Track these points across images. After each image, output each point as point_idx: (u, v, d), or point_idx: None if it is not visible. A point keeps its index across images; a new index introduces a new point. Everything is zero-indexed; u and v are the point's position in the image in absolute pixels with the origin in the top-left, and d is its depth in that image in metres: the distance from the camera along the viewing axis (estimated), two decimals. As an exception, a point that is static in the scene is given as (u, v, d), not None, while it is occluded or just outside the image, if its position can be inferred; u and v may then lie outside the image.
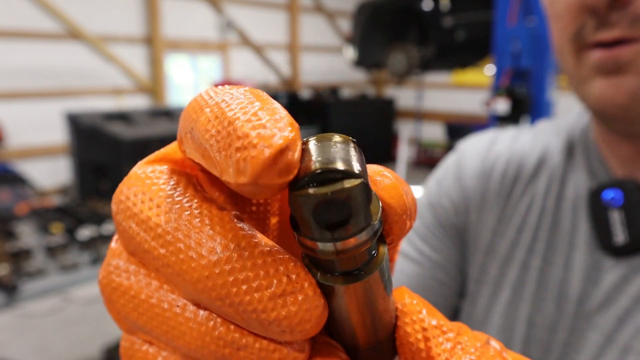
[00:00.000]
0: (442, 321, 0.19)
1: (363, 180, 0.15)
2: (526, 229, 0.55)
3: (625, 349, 0.44)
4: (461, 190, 0.61)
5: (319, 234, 0.15)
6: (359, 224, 0.15)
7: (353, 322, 0.17)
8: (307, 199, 0.14)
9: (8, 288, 1.76)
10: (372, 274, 0.16)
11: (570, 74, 0.47)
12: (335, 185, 0.14)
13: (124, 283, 0.17)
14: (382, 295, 0.17)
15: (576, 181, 0.53)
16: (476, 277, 0.58)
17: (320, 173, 0.14)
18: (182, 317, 0.16)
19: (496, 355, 0.18)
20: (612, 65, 0.41)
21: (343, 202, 0.14)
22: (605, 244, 0.47)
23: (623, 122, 0.44)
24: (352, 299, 0.16)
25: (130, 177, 0.18)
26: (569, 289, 0.49)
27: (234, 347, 0.16)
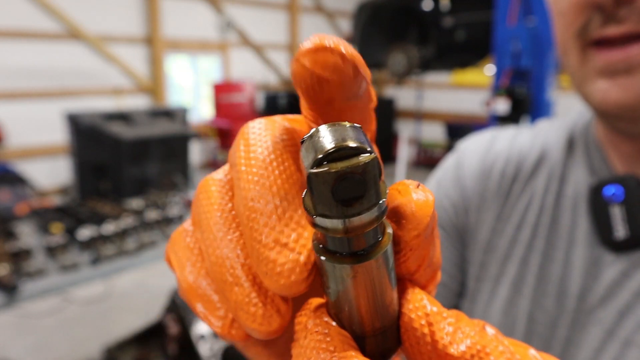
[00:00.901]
0: (441, 309, 0.19)
1: (375, 155, 0.15)
2: (525, 226, 0.55)
3: (627, 343, 0.45)
4: (461, 190, 0.61)
5: (335, 211, 0.16)
6: (371, 199, 0.16)
7: (361, 307, 0.18)
8: (327, 175, 0.15)
9: (8, 288, 1.76)
10: (377, 256, 0.17)
11: (573, 72, 0.47)
12: (351, 160, 0.15)
13: (211, 189, 0.22)
14: (386, 282, 0.18)
15: (576, 178, 0.53)
16: (476, 275, 0.58)
17: (335, 150, 0.15)
18: (222, 225, 0.20)
19: (493, 339, 0.19)
20: (623, 66, 0.41)
21: (359, 176, 0.15)
22: (606, 239, 0.48)
23: (627, 122, 0.44)
24: (359, 281, 0.17)
25: (254, 125, 0.21)
26: (569, 285, 0.50)
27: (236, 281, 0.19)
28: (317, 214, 0.16)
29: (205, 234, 0.21)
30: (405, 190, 0.19)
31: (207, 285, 0.21)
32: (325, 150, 0.15)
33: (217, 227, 0.20)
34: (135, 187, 3.03)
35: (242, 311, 0.19)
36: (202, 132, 6.91)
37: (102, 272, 2.05)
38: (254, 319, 0.19)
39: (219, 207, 0.21)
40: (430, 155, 9.03)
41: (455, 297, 0.61)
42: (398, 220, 0.19)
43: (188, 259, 0.22)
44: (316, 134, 0.16)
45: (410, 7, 5.22)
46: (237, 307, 0.19)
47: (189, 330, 2.24)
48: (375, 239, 0.17)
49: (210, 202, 0.21)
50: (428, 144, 9.21)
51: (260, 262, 0.18)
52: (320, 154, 0.15)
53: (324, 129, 0.16)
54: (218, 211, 0.21)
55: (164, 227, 2.41)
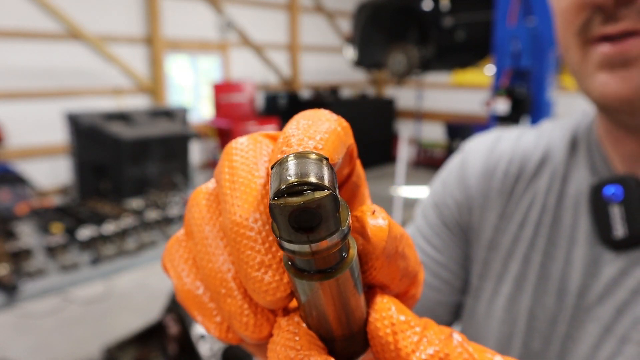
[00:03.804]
0: (410, 317, 0.21)
1: (332, 192, 0.17)
2: (527, 225, 0.56)
3: (624, 339, 0.45)
4: (465, 189, 0.62)
5: (295, 237, 0.17)
6: (329, 228, 0.17)
7: (328, 315, 0.20)
8: (284, 207, 0.17)
9: (8, 288, 1.76)
10: (343, 272, 0.19)
11: (574, 68, 0.48)
12: (307, 195, 0.17)
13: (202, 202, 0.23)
14: (352, 292, 0.19)
15: (578, 178, 0.54)
16: (479, 272, 0.59)
17: (294, 185, 0.17)
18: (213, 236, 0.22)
19: (458, 346, 0.20)
20: (619, 60, 0.42)
21: (314, 210, 0.17)
22: (606, 238, 0.48)
23: (627, 115, 0.45)
24: (327, 294, 0.19)
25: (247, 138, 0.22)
26: (569, 282, 0.50)
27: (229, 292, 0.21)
28: (280, 237, 0.18)
29: (198, 247, 0.22)
30: (361, 218, 0.20)
31: (203, 294, 0.23)
32: (286, 183, 0.17)
33: (208, 241, 0.22)
34: (135, 187, 3.03)
35: (235, 320, 0.21)
36: (202, 132, 6.91)
37: (102, 272, 2.05)
38: (247, 327, 0.21)
39: (210, 221, 0.22)
40: (430, 155, 9.03)
41: (458, 294, 0.62)
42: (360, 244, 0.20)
43: (183, 268, 0.23)
44: (283, 164, 0.18)
45: (410, 7, 5.22)
46: (230, 317, 0.21)
47: (189, 330, 2.24)
48: (337, 259, 0.18)
49: (201, 215, 0.23)
50: (428, 144, 9.21)
51: (248, 280, 0.20)
52: (282, 186, 0.17)
53: (290, 160, 0.17)
54: (209, 225, 0.22)
55: (164, 227, 2.41)
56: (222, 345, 2.20)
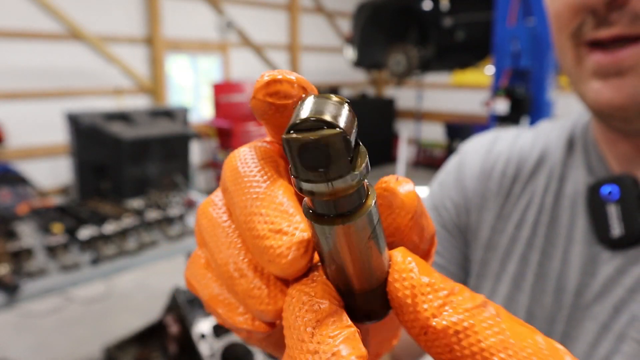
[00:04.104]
0: (435, 280, 0.20)
1: (341, 131, 0.16)
2: (525, 225, 0.56)
3: (621, 337, 0.46)
4: (462, 191, 0.62)
5: (305, 175, 0.17)
6: (339, 169, 0.17)
7: (346, 265, 0.19)
8: (292, 142, 0.17)
9: (9, 287, 1.77)
10: (359, 218, 0.18)
11: (569, 72, 0.48)
12: (315, 132, 0.16)
13: (209, 210, 0.24)
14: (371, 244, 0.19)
15: (575, 178, 0.54)
16: (477, 272, 0.60)
17: (303, 121, 0.17)
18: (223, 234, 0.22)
19: (488, 318, 0.19)
20: (614, 69, 0.42)
21: (322, 147, 0.16)
22: (603, 237, 0.49)
23: (621, 121, 0.45)
24: (343, 240, 0.19)
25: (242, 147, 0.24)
26: (567, 281, 0.51)
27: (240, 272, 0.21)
28: (295, 176, 0.18)
29: (210, 247, 0.23)
30: (389, 187, 0.21)
31: (225, 292, 0.23)
32: (299, 118, 0.17)
33: (218, 238, 0.23)
34: (135, 187, 3.03)
35: (249, 298, 0.21)
36: (202, 132, 6.91)
37: (102, 271, 2.06)
38: (261, 301, 0.21)
39: (218, 223, 0.23)
40: (430, 155, 9.03)
41: None
42: (392, 211, 0.21)
43: (204, 276, 0.24)
44: (302, 103, 0.17)
45: (410, 7, 5.22)
46: (244, 296, 0.21)
47: (190, 329, 2.25)
48: (358, 202, 0.18)
49: (210, 222, 0.23)
50: (428, 144, 9.21)
51: (262, 253, 0.20)
52: (296, 121, 0.17)
53: (310, 99, 0.17)
54: (218, 227, 0.23)
55: (165, 227, 2.42)
56: (222, 345, 2.20)
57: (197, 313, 2.32)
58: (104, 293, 3.56)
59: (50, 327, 3.35)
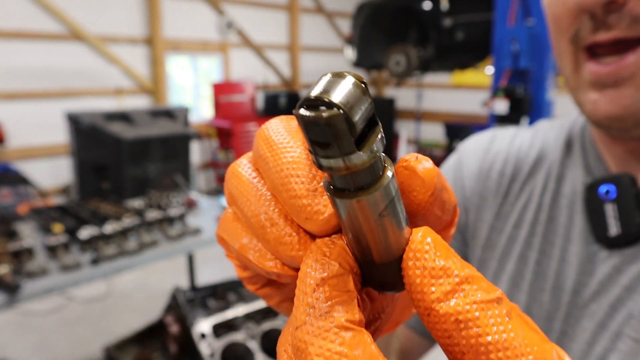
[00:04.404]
0: (451, 265, 0.20)
1: (343, 112, 0.17)
2: (523, 224, 0.56)
3: (617, 335, 0.46)
4: (461, 190, 0.62)
5: (312, 148, 0.18)
6: (342, 148, 0.17)
7: (364, 237, 0.20)
8: (300, 118, 0.17)
9: (9, 287, 1.77)
10: (367, 195, 0.19)
11: (567, 78, 0.48)
12: (319, 111, 0.17)
13: (238, 170, 0.25)
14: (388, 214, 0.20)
15: (573, 177, 0.54)
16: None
17: (310, 99, 0.17)
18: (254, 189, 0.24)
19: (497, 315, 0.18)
20: (611, 80, 0.42)
21: (324, 126, 0.17)
22: (600, 236, 0.49)
23: (618, 130, 0.46)
24: (356, 214, 0.19)
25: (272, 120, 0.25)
26: (565, 280, 0.51)
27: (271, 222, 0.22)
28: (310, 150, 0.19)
29: (239, 202, 0.24)
30: (409, 166, 0.22)
31: (254, 241, 0.24)
32: (309, 95, 0.17)
33: (248, 193, 0.24)
34: (135, 187, 3.04)
35: (280, 244, 0.22)
36: (202, 132, 6.92)
37: (102, 271, 2.06)
38: (292, 247, 0.22)
39: (248, 180, 0.24)
40: (430, 155, 8.99)
41: None
42: (414, 188, 0.22)
43: (235, 228, 0.25)
44: (319, 79, 0.18)
45: (410, 7, 5.22)
46: (276, 243, 0.22)
47: (190, 329, 2.25)
48: (374, 176, 0.19)
49: (239, 180, 0.25)
50: (428, 144, 9.21)
51: (299, 211, 0.21)
52: (304, 98, 0.17)
53: (325, 77, 0.18)
54: (248, 183, 0.24)
55: (165, 227, 2.42)
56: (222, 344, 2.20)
57: (197, 313, 2.33)
58: (104, 293, 3.56)
59: (51, 327, 3.36)
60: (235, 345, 2.22)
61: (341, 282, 0.20)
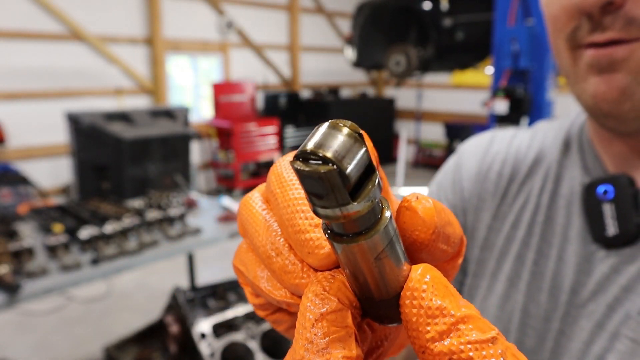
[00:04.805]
0: (448, 305, 0.20)
1: (336, 167, 0.18)
2: (521, 225, 0.57)
3: (615, 335, 0.46)
4: (459, 191, 0.63)
5: (308, 198, 0.19)
6: (337, 199, 0.18)
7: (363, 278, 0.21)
8: (295, 170, 0.18)
9: (9, 287, 1.77)
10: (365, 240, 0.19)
11: (566, 73, 0.49)
12: (313, 166, 0.18)
13: (250, 203, 0.26)
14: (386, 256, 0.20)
15: (571, 178, 0.55)
16: (474, 271, 0.60)
17: (306, 153, 0.18)
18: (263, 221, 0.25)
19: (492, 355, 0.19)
20: (606, 63, 0.43)
21: (318, 180, 0.18)
22: (598, 236, 0.49)
23: (615, 120, 0.46)
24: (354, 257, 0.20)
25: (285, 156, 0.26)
26: (563, 280, 0.51)
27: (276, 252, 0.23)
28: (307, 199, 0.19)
29: (249, 233, 0.25)
30: (410, 206, 0.23)
31: (265, 271, 0.25)
32: (304, 148, 0.18)
33: (257, 225, 0.25)
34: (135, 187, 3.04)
35: (285, 273, 0.23)
36: (202, 132, 6.92)
37: (103, 271, 2.06)
38: (295, 275, 0.23)
39: (258, 212, 0.26)
40: (430, 155, 9.03)
41: None
42: (416, 228, 0.23)
43: (249, 259, 0.27)
44: (316, 129, 0.19)
45: (410, 7, 5.23)
46: (281, 272, 0.23)
47: (190, 329, 2.25)
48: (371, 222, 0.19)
49: (250, 212, 0.26)
50: (427, 144, 9.22)
51: (302, 245, 0.22)
52: (300, 150, 0.18)
53: (321, 129, 0.19)
54: (258, 215, 0.25)
55: (165, 227, 2.42)
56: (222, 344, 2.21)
57: (197, 313, 2.33)
58: (104, 293, 3.56)
59: (51, 327, 3.36)
60: (235, 345, 2.22)
61: (339, 318, 0.20)
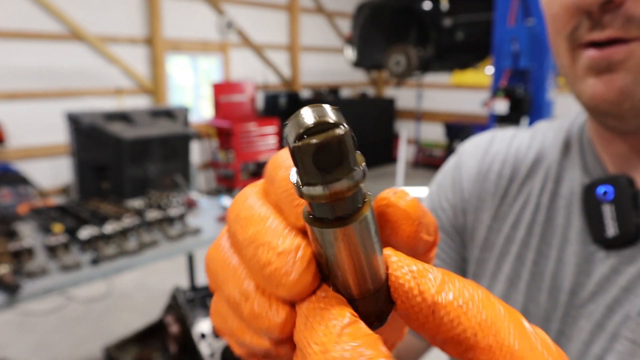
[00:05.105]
0: (427, 267, 0.21)
1: (349, 129, 0.18)
2: (521, 225, 0.57)
3: (614, 336, 0.46)
4: (459, 192, 0.63)
5: (317, 178, 0.18)
6: (349, 166, 0.18)
7: (349, 269, 0.20)
8: (307, 147, 0.17)
9: (9, 287, 1.77)
10: (358, 220, 0.19)
11: (565, 72, 0.49)
12: (328, 133, 0.17)
13: (218, 254, 0.24)
14: (370, 245, 0.20)
15: (571, 178, 0.55)
16: (473, 272, 0.60)
17: (314, 125, 0.17)
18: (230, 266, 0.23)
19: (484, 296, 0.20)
20: (604, 64, 0.43)
21: (335, 146, 0.17)
22: (598, 237, 0.49)
23: (615, 119, 0.46)
24: (344, 244, 0.19)
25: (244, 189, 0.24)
26: (562, 280, 0.51)
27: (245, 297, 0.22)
28: (303, 184, 0.18)
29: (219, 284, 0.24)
30: (390, 203, 0.22)
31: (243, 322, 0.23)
32: (306, 125, 0.17)
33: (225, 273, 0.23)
34: (135, 187, 3.04)
35: (254, 318, 0.22)
36: (202, 132, 6.92)
37: (103, 271, 2.06)
38: (264, 317, 0.21)
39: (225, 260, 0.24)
40: (430, 155, 9.04)
41: None
42: (400, 224, 0.22)
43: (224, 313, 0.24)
44: (299, 115, 0.18)
45: (410, 7, 5.23)
46: (250, 317, 0.22)
47: (190, 329, 2.25)
48: (356, 206, 0.19)
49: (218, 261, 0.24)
50: (428, 144, 9.22)
51: (270, 278, 0.20)
52: (302, 129, 0.17)
53: (306, 109, 0.18)
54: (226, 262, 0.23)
55: (165, 227, 2.42)
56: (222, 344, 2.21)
57: (197, 313, 2.33)
58: (104, 293, 3.56)
59: (51, 327, 3.36)
60: (235, 345, 2.22)
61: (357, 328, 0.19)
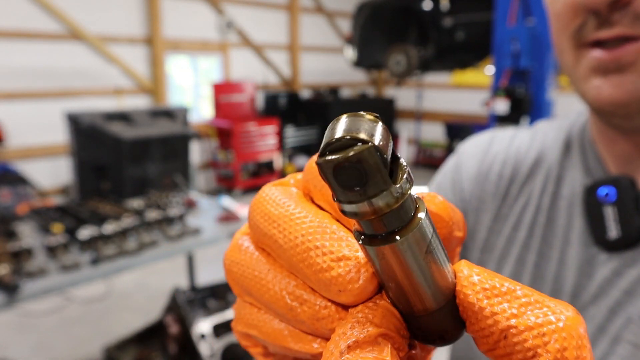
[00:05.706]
0: (509, 282, 0.19)
1: (373, 145, 0.16)
2: (522, 226, 0.56)
3: (616, 339, 0.46)
4: (459, 193, 0.62)
5: (345, 196, 0.17)
6: (377, 185, 0.16)
7: (403, 285, 0.18)
8: (325, 164, 0.16)
9: (9, 287, 1.77)
10: (410, 233, 0.17)
11: (569, 71, 0.48)
12: (347, 151, 0.16)
13: (241, 257, 0.23)
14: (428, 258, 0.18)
15: (572, 179, 0.54)
16: None
17: (333, 142, 0.16)
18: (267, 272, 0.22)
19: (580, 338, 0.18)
20: (614, 66, 0.42)
21: (355, 165, 0.16)
22: (600, 239, 0.49)
23: (621, 118, 0.45)
24: (394, 261, 0.18)
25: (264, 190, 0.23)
26: (564, 283, 0.51)
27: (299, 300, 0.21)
28: (337, 200, 0.17)
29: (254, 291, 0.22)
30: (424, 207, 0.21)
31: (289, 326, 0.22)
32: (328, 140, 0.16)
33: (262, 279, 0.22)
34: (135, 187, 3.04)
35: (317, 320, 0.20)
36: (202, 132, 6.91)
37: (102, 271, 2.06)
38: (332, 318, 0.20)
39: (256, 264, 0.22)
40: (430, 155, 9.03)
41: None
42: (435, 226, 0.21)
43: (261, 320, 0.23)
44: (332, 124, 0.17)
45: (410, 7, 5.22)
46: (312, 320, 0.20)
47: (189, 329, 2.25)
48: (401, 220, 0.17)
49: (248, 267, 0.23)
50: (428, 144, 9.21)
51: (329, 285, 0.19)
52: (326, 143, 0.16)
53: (342, 118, 0.17)
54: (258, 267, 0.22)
55: (165, 227, 2.42)
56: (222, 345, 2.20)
57: (197, 313, 2.32)
58: (104, 293, 3.56)
59: (50, 327, 3.36)
60: (235, 346, 2.22)
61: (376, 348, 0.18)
